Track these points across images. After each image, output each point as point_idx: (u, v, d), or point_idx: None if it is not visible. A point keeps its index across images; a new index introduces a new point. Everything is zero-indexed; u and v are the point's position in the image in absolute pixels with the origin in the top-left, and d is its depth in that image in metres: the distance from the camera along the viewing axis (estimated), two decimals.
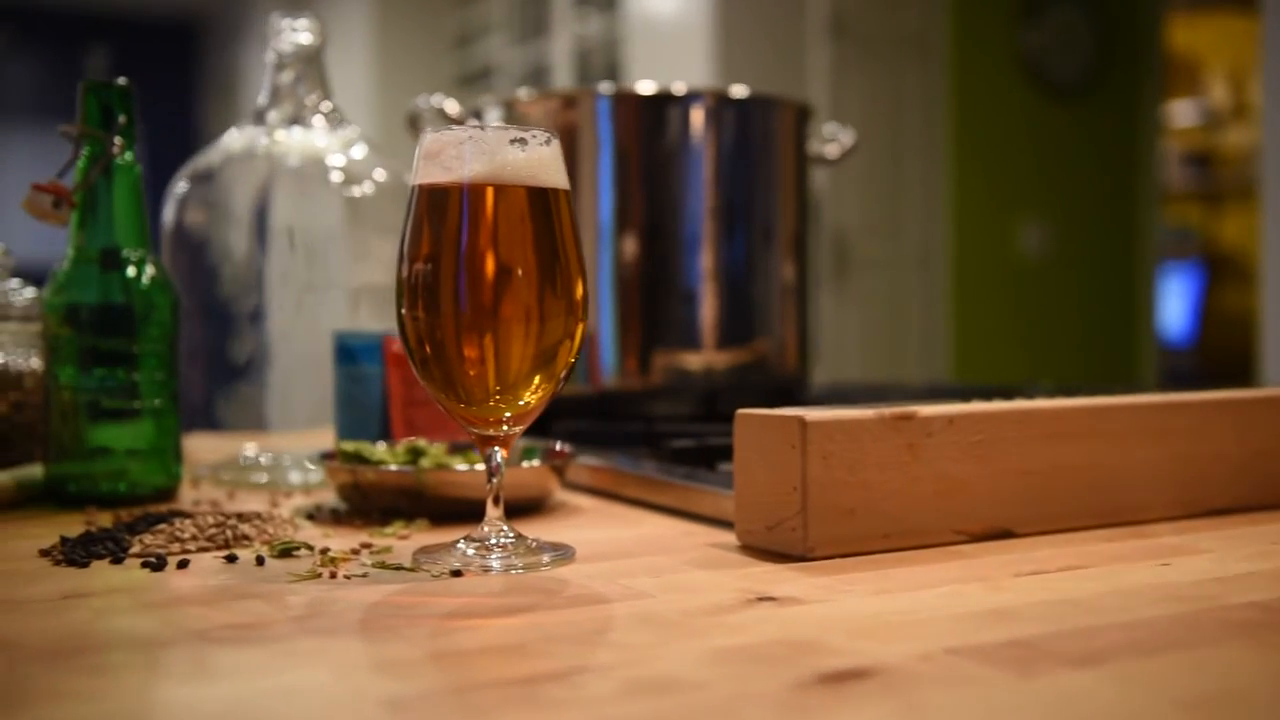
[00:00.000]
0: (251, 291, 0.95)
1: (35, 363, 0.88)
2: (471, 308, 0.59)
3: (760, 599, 0.53)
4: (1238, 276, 6.31)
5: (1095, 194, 4.26)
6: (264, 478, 0.90)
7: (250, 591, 0.56)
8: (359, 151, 0.96)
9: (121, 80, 0.82)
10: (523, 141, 0.60)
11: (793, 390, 1.13)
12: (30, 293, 0.90)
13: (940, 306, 3.98)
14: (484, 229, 0.59)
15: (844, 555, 0.62)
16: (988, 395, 1.28)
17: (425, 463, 0.78)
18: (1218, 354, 6.17)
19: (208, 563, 0.63)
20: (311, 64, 0.96)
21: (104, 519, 0.76)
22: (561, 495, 0.85)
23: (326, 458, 0.81)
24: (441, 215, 0.60)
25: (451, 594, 0.56)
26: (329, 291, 0.95)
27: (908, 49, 3.91)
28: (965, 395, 1.25)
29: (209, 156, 0.96)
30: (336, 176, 0.93)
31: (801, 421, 0.61)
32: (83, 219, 0.81)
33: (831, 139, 1.20)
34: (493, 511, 0.64)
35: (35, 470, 0.82)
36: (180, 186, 0.95)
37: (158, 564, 0.61)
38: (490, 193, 0.59)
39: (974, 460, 0.66)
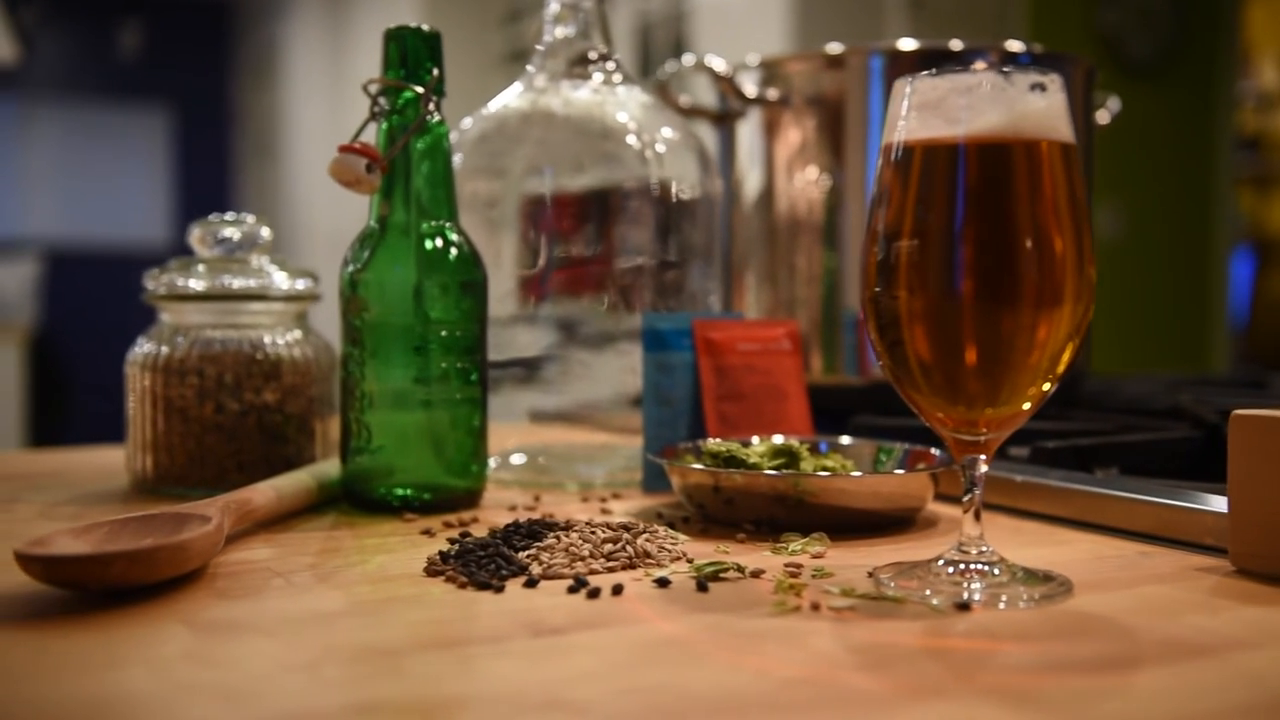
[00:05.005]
0: (527, 267, 0.85)
1: (305, 348, 0.79)
2: (1049, 290, 0.49)
3: None
4: None
5: (1170, 176, 4.15)
6: (556, 476, 0.80)
7: (766, 632, 0.46)
8: (649, 107, 0.86)
9: (427, 27, 0.72)
10: (1042, 87, 0.50)
11: (1075, 383, 1.02)
12: (279, 272, 0.80)
13: None
14: (1031, 193, 0.49)
15: None
16: (1242, 386, 1.18)
17: (805, 467, 0.68)
18: (1269, 340, 6.06)
19: (636, 587, 0.53)
20: (592, 15, 0.85)
21: (433, 524, 0.66)
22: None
23: (664, 456, 0.71)
24: (951, 177, 0.50)
25: (994, 636, 0.46)
26: (612, 264, 0.85)
27: (986, 24, 3.80)
28: (1233, 387, 1.15)
29: (486, 119, 0.86)
30: (633, 140, 0.83)
31: None
32: (386, 186, 0.71)
33: (1100, 105, 1.10)
34: (973, 529, 0.54)
35: (331, 467, 0.72)
36: (456, 155, 0.84)
37: (594, 590, 0.51)
38: (1048, 150, 0.49)
39: None
